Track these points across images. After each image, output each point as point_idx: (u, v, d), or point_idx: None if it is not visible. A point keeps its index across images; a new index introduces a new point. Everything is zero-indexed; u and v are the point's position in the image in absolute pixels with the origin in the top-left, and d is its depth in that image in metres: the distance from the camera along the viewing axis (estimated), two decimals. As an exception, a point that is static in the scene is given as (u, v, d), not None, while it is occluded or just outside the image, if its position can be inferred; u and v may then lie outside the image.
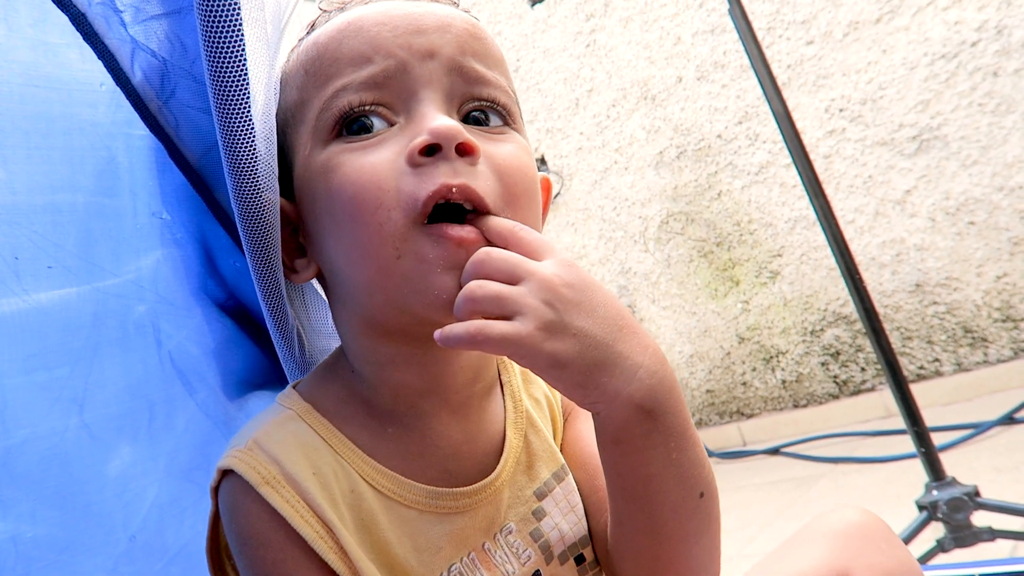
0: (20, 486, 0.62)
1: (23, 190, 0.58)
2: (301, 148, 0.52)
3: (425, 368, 0.52)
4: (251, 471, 0.48)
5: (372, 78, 0.48)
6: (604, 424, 0.46)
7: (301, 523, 0.46)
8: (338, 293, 0.54)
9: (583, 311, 0.44)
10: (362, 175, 0.46)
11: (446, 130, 0.46)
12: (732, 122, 2.38)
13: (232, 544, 0.49)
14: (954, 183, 2.04)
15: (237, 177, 0.53)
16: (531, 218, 0.51)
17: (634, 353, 0.44)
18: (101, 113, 0.62)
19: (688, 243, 2.54)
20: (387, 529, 0.50)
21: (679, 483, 0.47)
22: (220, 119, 0.52)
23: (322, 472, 0.49)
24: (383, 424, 0.53)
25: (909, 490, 1.41)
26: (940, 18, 1.99)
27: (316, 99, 0.50)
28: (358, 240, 0.47)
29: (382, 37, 0.49)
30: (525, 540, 0.54)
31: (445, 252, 0.46)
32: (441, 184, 0.45)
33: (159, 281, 0.69)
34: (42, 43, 0.57)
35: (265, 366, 0.79)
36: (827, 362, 2.34)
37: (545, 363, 0.43)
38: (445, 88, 0.49)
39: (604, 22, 2.58)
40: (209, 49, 0.50)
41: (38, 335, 0.61)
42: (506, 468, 0.55)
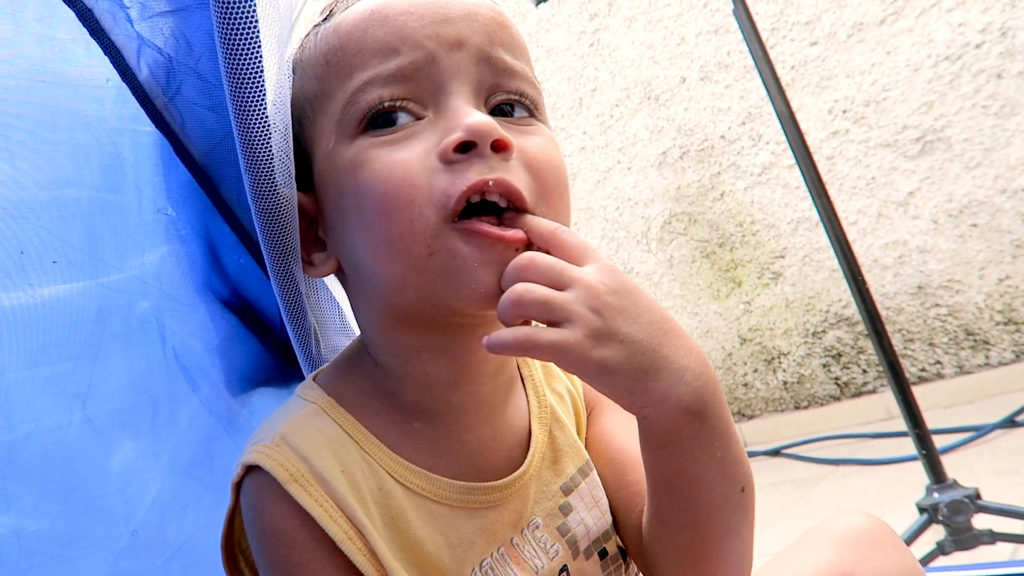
0: (23, 480, 0.62)
1: (29, 185, 0.59)
2: (322, 141, 0.51)
3: (452, 359, 0.51)
4: (279, 468, 0.46)
5: (400, 70, 0.47)
6: (652, 427, 0.46)
7: (330, 523, 0.45)
8: (362, 287, 0.53)
9: (629, 317, 0.44)
10: (393, 172, 0.45)
11: (481, 127, 0.45)
12: (735, 123, 2.38)
13: (254, 542, 0.48)
14: (957, 185, 2.03)
15: (253, 172, 0.52)
16: (563, 212, 0.50)
17: (679, 356, 0.44)
18: (107, 109, 0.62)
19: (690, 244, 2.54)
20: (418, 527, 0.49)
21: (723, 480, 0.47)
22: (236, 112, 0.52)
23: (350, 470, 0.48)
24: (408, 418, 0.52)
25: (910, 492, 1.41)
26: (944, 20, 1.99)
27: (340, 91, 0.49)
28: (388, 237, 0.46)
29: (409, 27, 0.48)
30: (552, 535, 0.54)
31: (480, 249, 0.45)
32: (477, 180, 0.45)
33: (163, 277, 0.69)
34: (49, 38, 0.57)
35: (268, 363, 0.79)
36: (828, 364, 2.34)
37: (594, 370, 0.43)
38: (474, 79, 0.48)
39: (608, 21, 2.58)
40: (224, 40, 0.50)
41: (42, 330, 0.61)
42: (533, 463, 0.55)
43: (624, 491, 0.58)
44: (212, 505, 0.75)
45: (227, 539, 0.52)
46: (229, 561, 0.53)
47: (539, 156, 0.49)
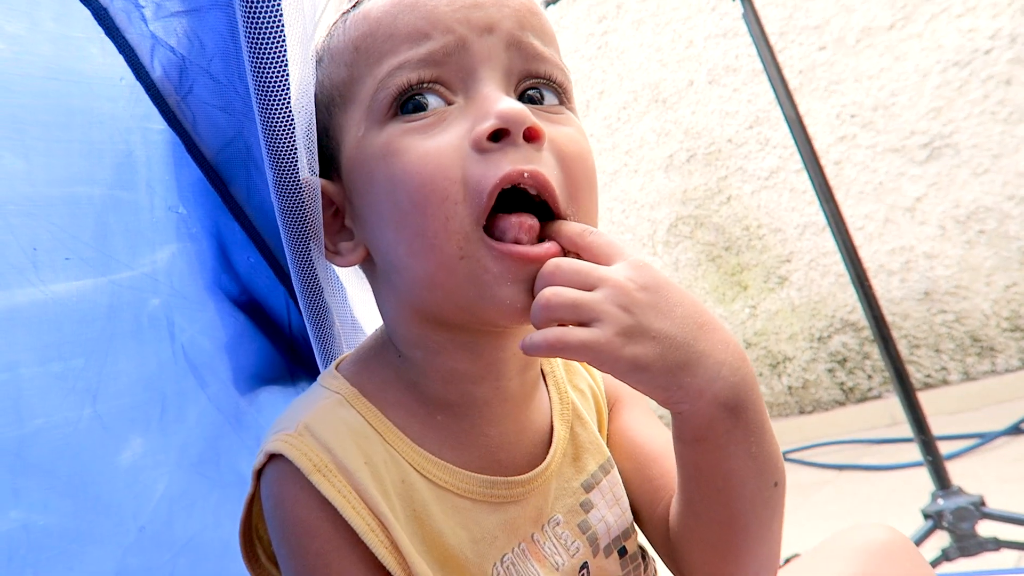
0: (33, 475, 0.62)
1: (43, 182, 0.59)
2: (352, 128, 0.50)
3: (479, 356, 0.51)
4: (302, 457, 0.46)
5: (431, 55, 0.47)
6: (687, 423, 0.45)
7: (352, 514, 0.45)
8: (390, 279, 0.52)
9: (660, 313, 0.43)
10: (428, 162, 0.45)
11: (514, 114, 0.45)
12: (743, 126, 2.37)
13: (274, 530, 0.48)
14: (965, 191, 2.03)
15: (276, 158, 0.52)
16: (592, 207, 0.50)
17: (716, 351, 0.44)
18: (120, 107, 0.62)
19: (696, 247, 2.54)
20: (440, 520, 0.49)
21: (757, 475, 0.47)
22: (259, 99, 0.52)
23: (373, 462, 0.48)
24: (432, 411, 0.52)
25: (915, 498, 1.41)
26: (954, 26, 1.98)
27: (370, 77, 0.48)
28: (421, 231, 0.45)
29: (439, 11, 0.47)
30: (573, 532, 0.54)
31: (511, 268, 0.45)
32: (510, 171, 0.44)
33: (174, 275, 0.70)
34: (64, 37, 0.58)
35: (276, 361, 0.79)
36: (834, 369, 2.34)
37: (626, 368, 0.43)
38: (504, 65, 0.48)
39: (616, 24, 2.58)
40: (248, 24, 0.50)
41: (54, 326, 0.61)
42: (555, 458, 0.55)
43: (648, 485, 0.58)
44: (219, 502, 0.76)
45: (245, 524, 0.52)
46: (247, 547, 0.53)
47: (570, 148, 0.48)
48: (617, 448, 0.61)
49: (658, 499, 0.57)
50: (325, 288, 0.61)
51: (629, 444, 0.60)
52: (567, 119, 0.51)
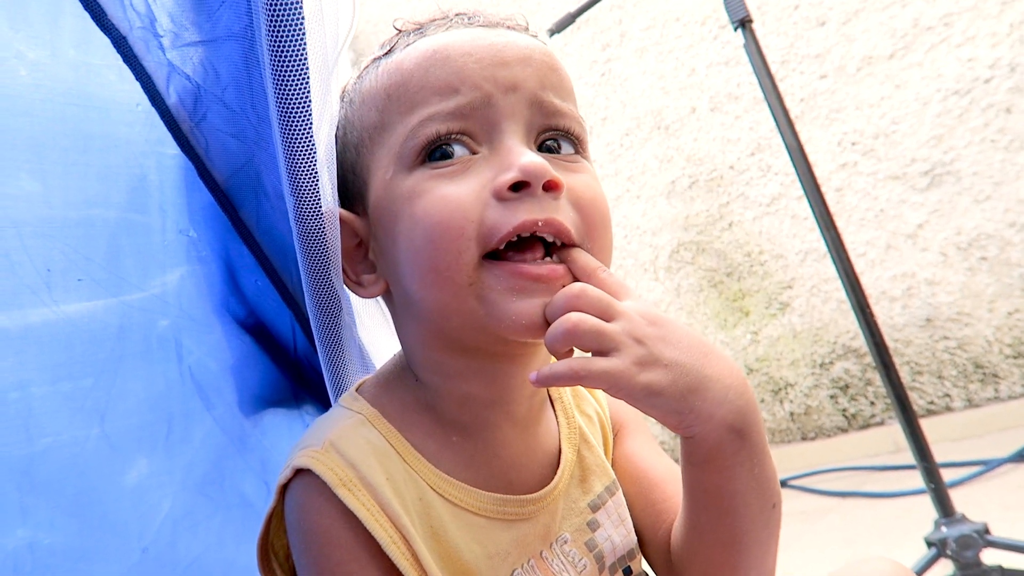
0: (40, 494, 0.63)
1: (59, 204, 0.60)
2: (380, 169, 0.53)
3: (493, 380, 0.54)
4: (328, 471, 0.48)
5: (459, 109, 0.50)
6: (697, 445, 0.48)
7: (376, 527, 0.47)
8: (408, 310, 0.55)
9: (669, 343, 0.47)
10: (448, 203, 0.48)
11: (535, 168, 0.48)
12: (744, 153, 2.40)
13: (297, 541, 0.49)
14: (966, 218, 2.04)
15: (296, 186, 0.54)
16: (606, 246, 0.54)
17: (722, 376, 0.47)
18: (136, 132, 0.64)
19: (698, 273, 2.55)
20: (456, 536, 0.51)
21: (759, 496, 0.50)
22: (283, 131, 0.54)
23: (394, 479, 0.50)
24: (448, 432, 0.54)
25: (918, 526, 1.40)
26: (953, 55, 2.01)
27: (400, 124, 0.51)
28: (435, 264, 0.48)
29: (468, 68, 0.50)
30: (580, 549, 0.56)
31: (519, 284, 0.48)
32: (526, 219, 0.48)
33: (183, 297, 0.71)
34: (84, 64, 0.59)
35: (281, 384, 0.80)
36: (836, 395, 2.33)
37: (642, 394, 0.45)
38: (526, 120, 0.51)
39: (619, 52, 2.62)
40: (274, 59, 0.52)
41: (65, 346, 0.63)
42: (563, 479, 0.57)
43: (651, 509, 0.61)
44: (222, 524, 0.76)
45: (263, 539, 0.54)
46: (263, 562, 0.55)
47: (585, 194, 0.52)
48: (622, 472, 0.64)
49: (660, 522, 0.60)
50: (342, 314, 0.62)
51: (634, 469, 0.63)
52: (582, 167, 0.54)
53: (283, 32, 0.51)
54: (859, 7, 2.14)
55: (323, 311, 0.60)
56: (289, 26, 0.51)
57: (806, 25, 2.23)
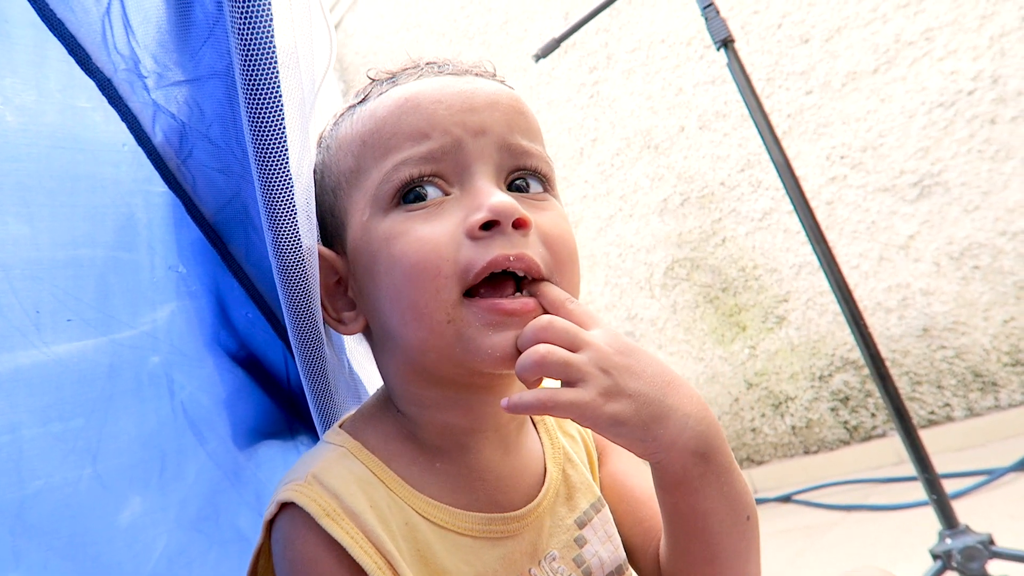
0: (33, 537, 0.62)
1: (47, 246, 0.61)
2: (357, 212, 0.55)
3: (470, 410, 0.56)
4: (312, 503, 0.49)
5: (430, 153, 0.53)
6: (664, 470, 0.51)
7: (361, 554, 0.48)
8: (387, 346, 0.57)
9: (634, 374, 0.49)
10: (424, 244, 0.51)
11: (504, 208, 0.50)
12: (734, 170, 2.41)
13: (282, 572, 0.50)
14: (957, 228, 2.05)
15: (275, 227, 0.55)
16: (574, 279, 0.56)
17: (683, 405, 0.50)
18: (123, 172, 0.65)
19: (693, 289, 2.55)
20: (444, 558, 0.52)
21: (730, 512, 0.53)
22: (259, 170, 0.55)
23: (378, 506, 0.51)
24: (431, 459, 0.56)
25: (923, 538, 1.39)
26: (936, 68, 2.04)
27: (375, 169, 0.54)
28: (414, 303, 0.51)
29: (438, 115, 0.53)
30: (569, 566, 0.58)
31: (495, 320, 0.51)
32: (498, 255, 0.50)
33: (173, 332, 0.71)
34: (70, 107, 0.60)
35: (275, 415, 0.80)
36: (836, 407, 2.33)
37: (606, 423, 0.48)
38: (495, 162, 0.54)
39: (607, 74, 2.65)
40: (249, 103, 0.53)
41: (55, 386, 0.62)
42: (548, 495, 0.59)
43: (639, 527, 0.63)
44: (217, 560, 0.75)
45: None
46: None
47: (553, 231, 0.55)
48: (610, 492, 0.65)
49: (649, 539, 0.62)
50: (324, 347, 0.63)
51: (621, 488, 0.65)
52: (550, 204, 0.57)
53: (258, 74, 0.52)
54: (841, 24, 2.16)
55: (305, 344, 0.60)
56: (263, 68, 0.52)
57: (790, 43, 2.26)
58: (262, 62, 0.51)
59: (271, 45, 0.51)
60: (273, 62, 0.51)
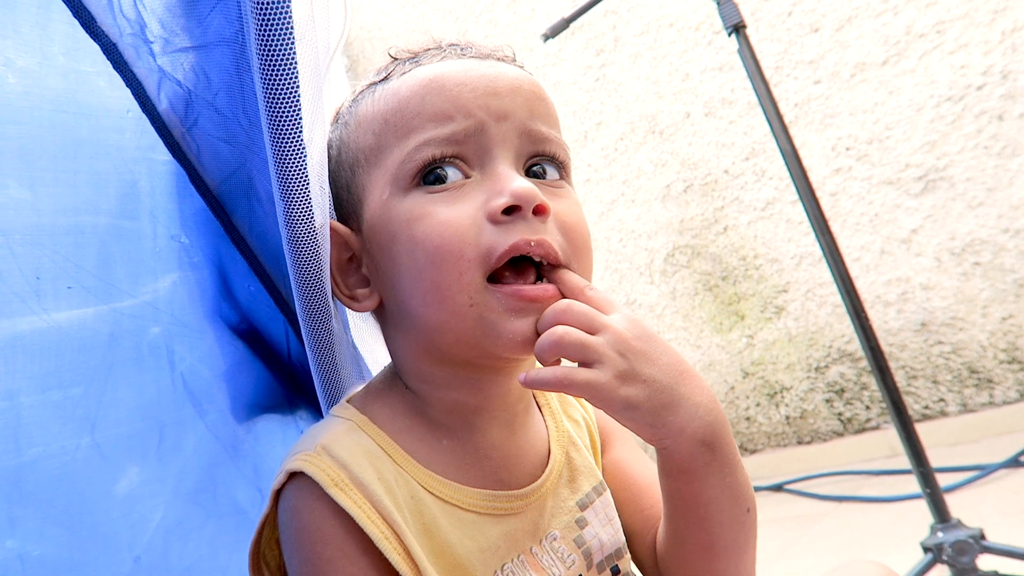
0: (29, 504, 0.62)
1: (48, 211, 0.60)
2: (376, 190, 0.55)
3: (479, 389, 0.57)
4: (320, 473, 0.50)
5: (453, 135, 0.53)
6: (671, 457, 0.52)
7: (368, 523, 0.49)
8: (402, 324, 0.57)
9: (649, 360, 0.50)
10: (447, 228, 0.51)
11: (526, 193, 0.51)
12: (739, 158, 2.40)
13: (288, 542, 0.51)
14: (960, 224, 2.05)
15: (286, 191, 0.54)
16: (589, 265, 0.57)
17: (693, 394, 0.51)
18: (127, 138, 0.64)
19: (693, 276, 2.55)
20: (448, 531, 0.53)
21: (732, 502, 0.54)
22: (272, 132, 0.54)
23: (385, 478, 0.52)
24: (438, 436, 0.57)
25: (914, 531, 1.40)
26: (946, 62, 2.02)
27: (396, 148, 0.54)
28: (437, 285, 0.51)
29: (463, 98, 0.53)
30: (569, 546, 0.59)
31: (517, 306, 0.51)
32: (519, 240, 0.51)
33: (175, 303, 0.70)
34: (74, 71, 0.59)
35: (275, 389, 0.79)
36: (832, 399, 2.34)
37: (620, 406, 0.49)
38: (515, 147, 0.55)
39: (614, 57, 2.62)
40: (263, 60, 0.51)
41: (55, 354, 0.62)
42: (551, 476, 0.60)
43: (640, 515, 0.64)
44: (215, 532, 0.75)
45: (255, 548, 0.55)
46: (255, 570, 0.56)
47: (570, 219, 0.55)
48: (612, 479, 0.66)
49: (649, 527, 0.63)
50: (332, 320, 0.62)
51: (623, 475, 0.66)
52: (566, 192, 0.58)
53: (273, 35, 0.50)
54: (852, 14, 2.14)
55: (313, 318, 0.60)
56: (279, 30, 0.51)
57: (800, 31, 2.24)
58: (278, 33, 0.50)
59: (287, 13, 0.50)
60: (289, 33, 0.50)
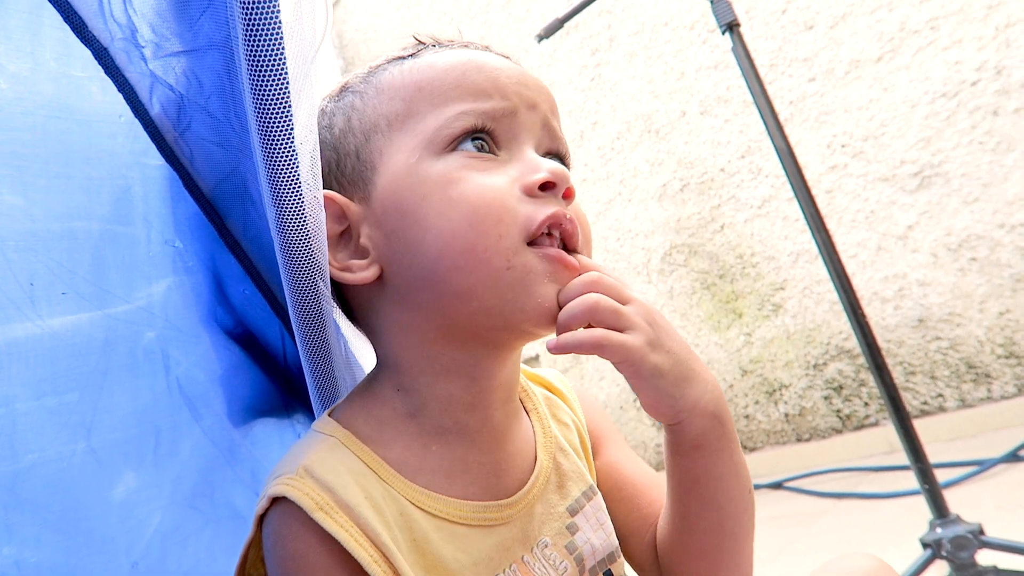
0: (25, 510, 0.62)
1: (41, 217, 0.60)
2: (400, 153, 0.55)
3: (474, 381, 0.57)
4: (304, 497, 0.48)
5: (492, 111, 0.55)
6: (684, 432, 0.54)
7: (356, 547, 0.48)
8: (410, 297, 0.55)
9: (669, 335, 0.53)
10: (488, 191, 0.52)
11: (563, 173, 0.54)
12: (735, 156, 2.40)
13: (273, 569, 0.49)
14: (956, 219, 2.05)
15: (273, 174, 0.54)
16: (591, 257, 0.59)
17: (703, 370, 0.54)
18: (119, 144, 0.63)
19: (691, 275, 2.55)
20: (440, 547, 0.52)
21: (738, 480, 0.56)
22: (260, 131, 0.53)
23: (372, 496, 0.51)
24: (427, 442, 0.56)
25: (913, 527, 1.40)
26: (940, 58, 2.02)
27: (431, 115, 0.55)
28: (472, 247, 0.51)
29: (502, 79, 0.56)
30: (561, 552, 0.59)
31: (552, 269, 0.52)
32: (556, 211, 0.53)
33: (169, 308, 0.70)
34: (65, 76, 0.59)
35: (271, 393, 0.79)
36: (830, 396, 2.34)
37: (649, 372, 0.51)
38: (538, 138, 0.57)
39: (609, 57, 2.63)
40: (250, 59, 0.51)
41: (49, 360, 0.62)
42: (537, 483, 0.60)
43: (637, 514, 0.65)
44: (212, 537, 0.75)
45: (240, 570, 0.54)
46: None
47: (581, 212, 0.57)
48: (606, 481, 0.66)
49: (646, 526, 0.64)
50: (325, 318, 0.61)
51: (617, 476, 0.66)
52: None
53: (261, 35, 0.50)
54: (846, 11, 2.15)
55: (306, 317, 0.59)
56: (267, 29, 0.50)
57: (794, 29, 2.24)
58: (267, 33, 0.50)
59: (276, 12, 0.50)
60: (278, 31, 0.50)
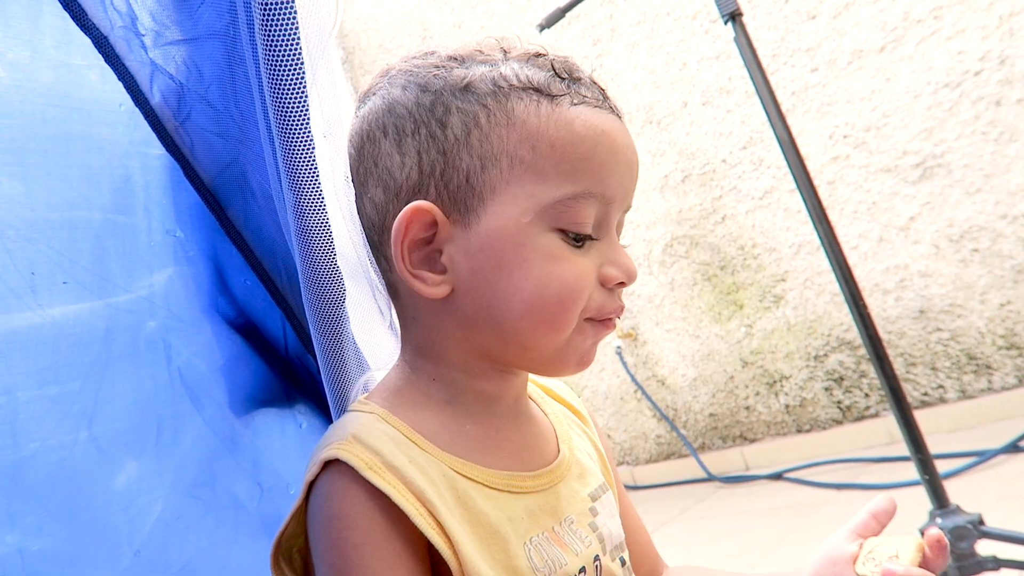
0: (27, 499, 0.62)
1: (41, 207, 0.60)
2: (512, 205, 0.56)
3: (504, 381, 0.63)
4: (355, 457, 0.51)
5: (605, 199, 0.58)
6: None
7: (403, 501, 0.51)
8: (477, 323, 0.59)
9: None
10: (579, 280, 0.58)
11: (635, 275, 0.61)
12: (737, 147, 2.40)
13: (315, 529, 0.52)
14: (957, 210, 2.05)
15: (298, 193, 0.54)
16: None
17: None
18: (119, 133, 0.63)
19: (692, 266, 2.55)
20: (481, 503, 0.56)
21: None
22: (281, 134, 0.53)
23: (416, 460, 0.54)
24: (461, 422, 0.60)
25: (913, 518, 1.40)
26: (944, 48, 2.01)
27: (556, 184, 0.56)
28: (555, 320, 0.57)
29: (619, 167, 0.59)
30: (585, 529, 0.62)
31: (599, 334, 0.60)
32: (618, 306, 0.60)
33: (171, 298, 0.70)
34: (65, 64, 0.59)
35: (273, 383, 0.79)
36: (831, 387, 2.34)
37: None
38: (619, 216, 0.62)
39: (611, 47, 2.62)
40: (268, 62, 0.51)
41: (51, 349, 0.62)
42: (562, 465, 0.64)
43: (634, 547, 0.68)
44: (214, 526, 0.75)
45: (276, 544, 0.56)
46: (275, 564, 0.57)
47: None
48: None
49: (638, 566, 0.68)
50: (343, 306, 0.61)
51: (621, 501, 0.70)
52: None
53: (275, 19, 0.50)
54: (849, 1, 2.14)
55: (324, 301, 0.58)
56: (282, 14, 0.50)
57: (797, 19, 2.23)
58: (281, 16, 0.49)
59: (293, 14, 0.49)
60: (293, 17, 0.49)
